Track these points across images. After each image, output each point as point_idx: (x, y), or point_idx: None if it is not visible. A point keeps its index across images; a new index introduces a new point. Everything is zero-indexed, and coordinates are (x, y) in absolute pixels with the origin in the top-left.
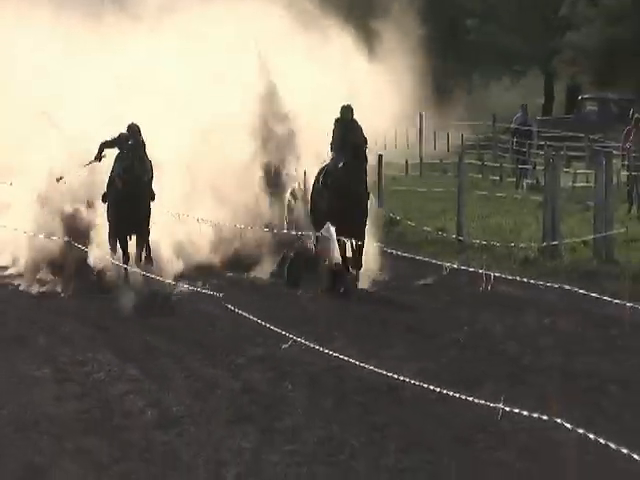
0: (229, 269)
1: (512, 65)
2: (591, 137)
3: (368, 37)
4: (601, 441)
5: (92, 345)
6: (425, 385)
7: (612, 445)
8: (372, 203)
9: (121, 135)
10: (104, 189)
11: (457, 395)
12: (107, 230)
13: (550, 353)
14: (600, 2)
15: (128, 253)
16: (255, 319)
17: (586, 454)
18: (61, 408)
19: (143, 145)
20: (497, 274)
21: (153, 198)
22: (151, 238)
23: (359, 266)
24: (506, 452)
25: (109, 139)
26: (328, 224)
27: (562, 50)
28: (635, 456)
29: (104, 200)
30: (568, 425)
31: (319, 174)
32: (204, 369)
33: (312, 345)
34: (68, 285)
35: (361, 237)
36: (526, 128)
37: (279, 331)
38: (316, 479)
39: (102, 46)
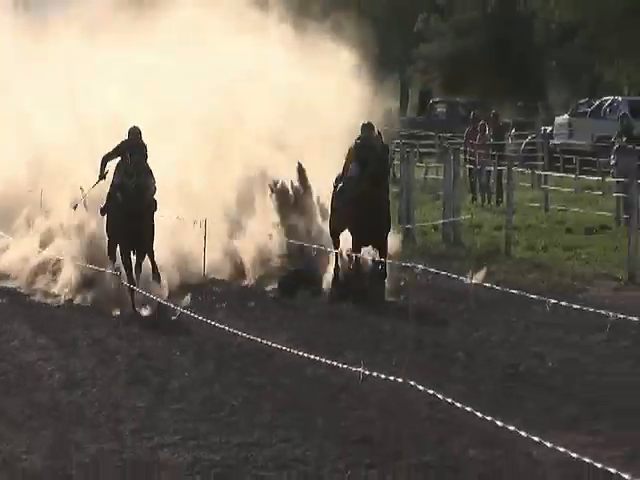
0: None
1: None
2: (441, 136)
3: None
4: (449, 401)
5: (8, 317)
6: (296, 351)
7: (458, 404)
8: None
9: (122, 143)
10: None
11: (324, 360)
12: (107, 242)
13: (404, 324)
14: (451, 17)
15: (132, 271)
16: (147, 294)
17: (436, 412)
18: None
19: (145, 150)
20: (358, 255)
21: (155, 209)
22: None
23: (384, 275)
24: (367, 410)
25: (110, 150)
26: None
27: (416, 60)
28: (478, 414)
29: (102, 213)
30: (420, 387)
31: (337, 184)
32: (105, 338)
33: (197, 316)
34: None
35: (384, 246)
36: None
37: (168, 304)
38: (200, 434)
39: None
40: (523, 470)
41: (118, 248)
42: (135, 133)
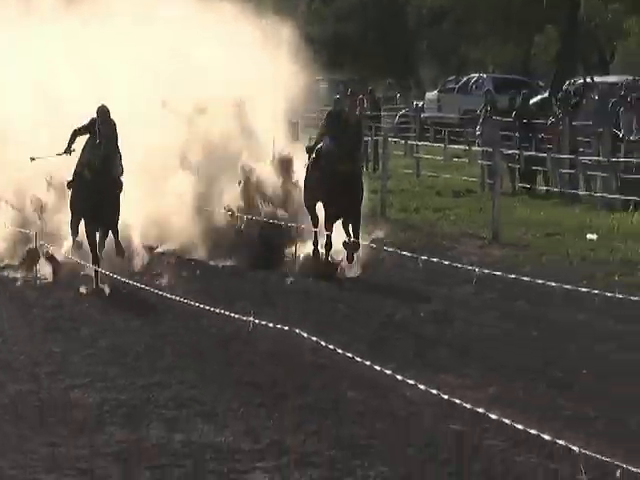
0: None
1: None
2: (322, 110)
3: None
4: (331, 347)
5: None
6: (193, 302)
7: (339, 351)
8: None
9: (92, 120)
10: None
11: (217, 310)
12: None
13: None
14: (332, 3)
15: (97, 251)
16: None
17: (319, 358)
18: None
19: (114, 128)
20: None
21: (121, 189)
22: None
23: (357, 243)
24: (256, 356)
25: (81, 126)
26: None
27: (300, 42)
28: (357, 359)
29: (69, 187)
30: (305, 335)
31: (310, 157)
32: (22, 292)
33: (105, 271)
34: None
35: (357, 216)
36: None
37: (80, 262)
38: (108, 376)
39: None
40: (398, 409)
41: (82, 225)
42: (104, 112)
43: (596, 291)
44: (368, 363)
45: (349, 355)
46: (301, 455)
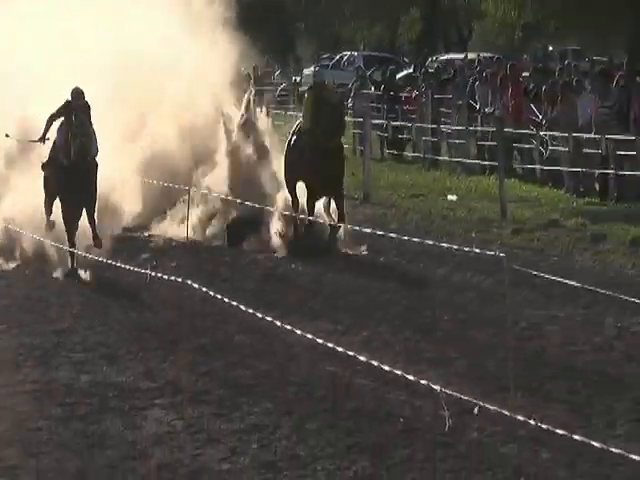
0: None
1: None
2: None
3: None
4: (218, 296)
5: None
6: (99, 258)
7: (226, 299)
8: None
9: (66, 103)
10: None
11: (119, 264)
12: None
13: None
14: None
15: (74, 235)
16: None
17: (208, 306)
18: None
19: (89, 110)
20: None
21: (97, 172)
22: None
23: (343, 220)
24: (154, 304)
25: (55, 111)
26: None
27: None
28: (242, 307)
29: (43, 169)
30: (195, 285)
31: (292, 133)
32: None
33: (22, 231)
34: None
35: (339, 192)
36: None
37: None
38: (23, 323)
39: None
40: (279, 352)
41: (61, 212)
42: (78, 93)
43: (455, 246)
44: (251, 311)
45: (234, 303)
46: (194, 393)
